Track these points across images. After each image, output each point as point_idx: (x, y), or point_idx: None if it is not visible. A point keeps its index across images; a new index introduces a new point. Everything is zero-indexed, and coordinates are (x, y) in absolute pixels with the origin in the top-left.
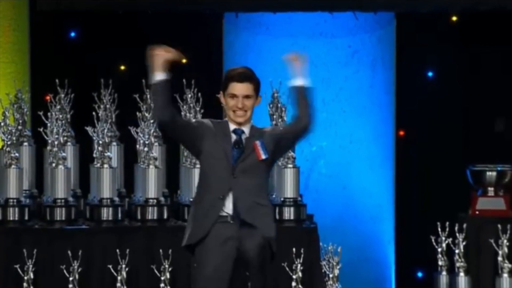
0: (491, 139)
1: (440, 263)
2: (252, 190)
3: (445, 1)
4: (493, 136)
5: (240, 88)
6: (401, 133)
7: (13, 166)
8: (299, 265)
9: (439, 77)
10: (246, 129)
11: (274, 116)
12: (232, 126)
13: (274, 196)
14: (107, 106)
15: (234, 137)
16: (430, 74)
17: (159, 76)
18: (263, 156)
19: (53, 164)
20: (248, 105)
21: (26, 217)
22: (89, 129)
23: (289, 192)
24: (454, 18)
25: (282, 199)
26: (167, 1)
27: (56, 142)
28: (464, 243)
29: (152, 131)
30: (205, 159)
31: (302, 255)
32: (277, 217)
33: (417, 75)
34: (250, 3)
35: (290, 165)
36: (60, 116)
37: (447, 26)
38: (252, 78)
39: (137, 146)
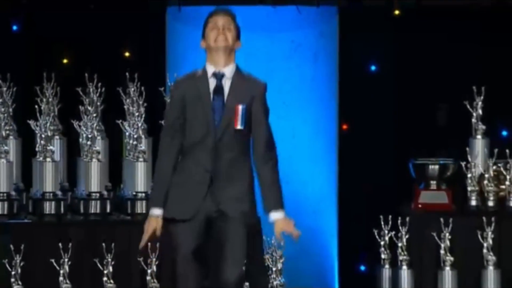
0: (433, 132)
1: (383, 256)
2: (232, 162)
3: None
4: (435, 129)
5: (220, 18)
6: (344, 126)
7: None
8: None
9: (381, 71)
10: (227, 70)
11: None
12: (211, 69)
13: None
14: (50, 99)
15: (212, 84)
16: (372, 68)
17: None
18: (239, 126)
19: None
20: (229, 34)
21: None
22: (31, 122)
23: None
24: (397, 12)
25: None
26: None
27: None
28: (406, 236)
29: (95, 124)
30: (187, 127)
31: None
32: None
33: (359, 69)
34: None
35: None
36: (2, 109)
37: (390, 20)
38: (233, 15)
39: (80, 139)
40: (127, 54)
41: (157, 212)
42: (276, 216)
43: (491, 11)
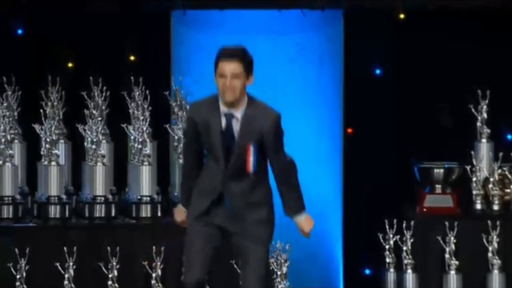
0: (439, 137)
1: (387, 260)
2: (245, 192)
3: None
4: (440, 133)
5: (227, 66)
6: (349, 130)
7: None
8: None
9: (386, 75)
10: (238, 113)
11: None
12: (223, 109)
13: None
14: (55, 103)
15: (224, 123)
16: (377, 71)
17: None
18: (251, 170)
19: (0, 162)
20: (236, 85)
21: None
22: (36, 126)
23: None
24: (402, 16)
25: None
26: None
27: (3, 140)
28: (411, 240)
29: (100, 128)
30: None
31: None
32: None
33: (364, 73)
34: (198, 0)
35: None
36: (7, 113)
37: (395, 24)
38: (240, 56)
39: (85, 143)
40: (132, 58)
41: (181, 207)
42: (301, 217)
43: (496, 12)
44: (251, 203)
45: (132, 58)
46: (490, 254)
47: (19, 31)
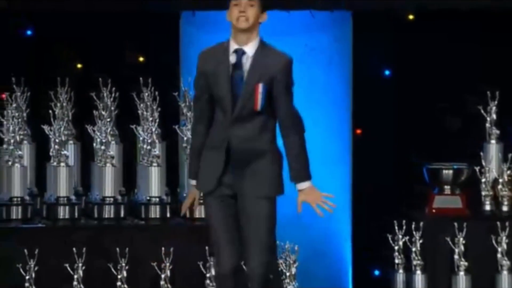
0: (447, 137)
1: (396, 261)
2: (251, 135)
3: (402, 0)
4: (449, 134)
5: None
6: (358, 131)
7: None
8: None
9: (395, 76)
10: (249, 49)
11: None
12: (234, 46)
13: None
14: (64, 104)
15: (233, 60)
16: (386, 72)
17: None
18: (259, 107)
19: (9, 163)
20: (251, 12)
21: None
22: (45, 127)
23: None
24: (411, 17)
25: None
26: (124, 0)
27: (12, 141)
28: (420, 241)
29: (109, 129)
30: (214, 100)
31: None
32: None
33: (373, 74)
34: (207, 1)
35: None
36: (16, 114)
37: (404, 25)
38: None
39: (94, 144)
40: (141, 58)
41: (193, 182)
42: (301, 186)
43: (507, 12)
44: (256, 150)
45: (141, 58)
46: (499, 255)
47: (28, 32)
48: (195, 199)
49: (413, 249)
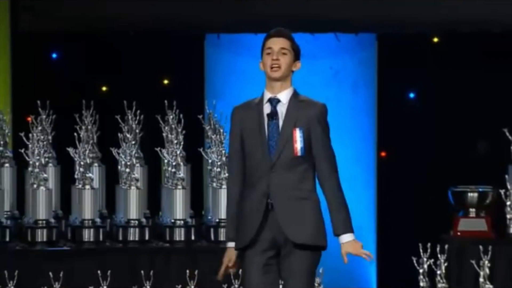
0: (472, 161)
1: (421, 284)
2: (291, 183)
3: (427, 23)
4: (474, 157)
5: (275, 42)
6: (383, 154)
7: None
8: (281, 286)
9: (420, 99)
10: (282, 96)
11: None
12: (268, 95)
13: None
14: (89, 127)
15: (268, 108)
16: (411, 95)
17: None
18: (299, 153)
19: (34, 185)
20: (284, 60)
21: (7, 239)
22: (70, 150)
23: None
24: (436, 40)
25: None
26: (149, 22)
27: (37, 163)
28: (445, 264)
29: (133, 152)
30: (247, 154)
31: None
32: None
33: (398, 96)
34: (232, 24)
35: None
36: (42, 137)
37: (429, 48)
38: (289, 35)
39: (119, 167)
40: (165, 81)
41: (230, 244)
42: (345, 239)
43: None
44: (296, 198)
45: (166, 81)
46: None
47: (53, 55)
48: (232, 262)
49: (438, 272)
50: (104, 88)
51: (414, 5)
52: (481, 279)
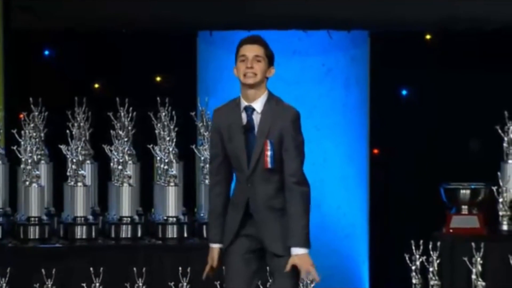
0: (464, 158)
1: (414, 281)
2: (268, 194)
3: (419, 20)
4: (466, 154)
5: (249, 49)
6: (375, 151)
7: None
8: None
9: (413, 96)
10: (257, 104)
11: None
12: (244, 103)
13: None
14: (81, 124)
15: (244, 118)
16: (404, 92)
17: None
18: (269, 165)
19: (27, 183)
20: (258, 68)
21: (0, 236)
22: (63, 147)
23: None
24: (428, 37)
25: None
26: (141, 20)
27: (29, 160)
28: (438, 261)
29: (126, 149)
30: (229, 158)
31: None
32: None
33: (391, 94)
34: (224, 21)
35: None
36: (34, 134)
37: (421, 45)
38: (263, 42)
39: (111, 164)
40: (158, 78)
41: (212, 245)
42: (298, 251)
43: None
44: (274, 208)
45: (158, 78)
46: None
47: (46, 52)
48: (215, 262)
49: (430, 269)
50: (96, 85)
51: (407, 2)
52: (473, 276)
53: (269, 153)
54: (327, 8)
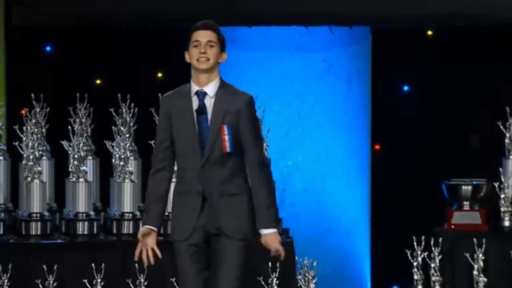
0: (466, 154)
1: (415, 277)
2: (223, 179)
3: (421, 16)
4: (468, 150)
5: (202, 34)
6: (377, 147)
7: None
8: (274, 279)
9: (414, 92)
10: (209, 89)
11: None
12: (195, 88)
13: None
14: (83, 120)
15: (196, 103)
16: (405, 88)
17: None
18: (228, 149)
19: (29, 179)
20: (211, 53)
21: (1, 232)
22: (64, 143)
23: None
24: (430, 33)
25: None
26: (142, 17)
27: (31, 156)
28: (439, 257)
29: (127, 145)
30: (176, 145)
31: (278, 269)
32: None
33: (392, 90)
34: (225, 17)
35: None
36: (36, 130)
37: (423, 41)
38: (215, 28)
39: (113, 160)
40: (159, 74)
41: (151, 227)
42: (267, 231)
43: None
44: (229, 194)
45: (159, 74)
46: None
47: (47, 48)
48: (151, 245)
49: (432, 265)
50: (98, 81)
51: None
52: (475, 272)
53: (227, 137)
54: (329, 4)
